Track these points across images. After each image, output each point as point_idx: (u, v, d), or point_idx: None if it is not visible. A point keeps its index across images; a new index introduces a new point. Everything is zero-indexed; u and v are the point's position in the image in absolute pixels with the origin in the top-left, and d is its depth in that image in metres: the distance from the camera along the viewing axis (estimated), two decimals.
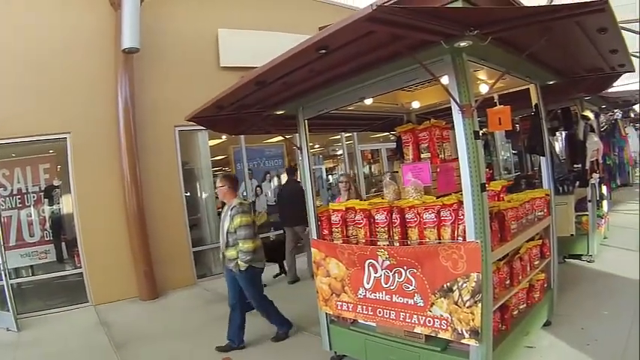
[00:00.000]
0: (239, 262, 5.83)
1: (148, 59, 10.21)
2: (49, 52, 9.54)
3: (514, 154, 16.45)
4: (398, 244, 4.21)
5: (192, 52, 10.98)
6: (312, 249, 5.12)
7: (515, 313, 4.67)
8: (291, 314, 6.62)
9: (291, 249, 9.58)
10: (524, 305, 4.89)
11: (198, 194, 11.73)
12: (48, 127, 9.51)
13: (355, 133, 13.53)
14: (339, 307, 4.77)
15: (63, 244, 10.27)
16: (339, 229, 4.80)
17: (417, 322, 3.96)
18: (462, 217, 3.76)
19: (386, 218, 4.31)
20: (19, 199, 9.83)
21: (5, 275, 8.56)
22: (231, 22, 11.57)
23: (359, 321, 4.66)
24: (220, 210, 11.85)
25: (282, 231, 10.14)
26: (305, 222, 6.68)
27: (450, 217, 3.89)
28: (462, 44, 3.44)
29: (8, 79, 9.26)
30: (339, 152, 14.93)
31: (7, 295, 8.45)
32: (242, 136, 11.10)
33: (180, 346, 6.67)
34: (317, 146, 14.65)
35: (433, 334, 3.88)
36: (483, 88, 5.22)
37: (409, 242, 4.15)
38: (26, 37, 9.40)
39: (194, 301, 9.30)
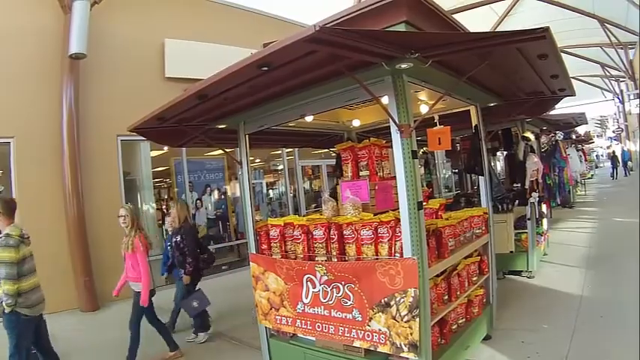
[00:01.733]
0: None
1: (95, 66, 10.06)
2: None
3: (454, 172, 16.87)
4: (336, 260, 4.24)
5: (139, 61, 10.88)
6: (251, 263, 5.09)
7: (454, 327, 4.76)
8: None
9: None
10: (464, 320, 5.00)
11: (140, 205, 11.48)
12: None
13: (296, 149, 13.60)
14: (278, 321, 4.77)
15: None
16: (278, 244, 4.82)
17: (355, 336, 3.99)
18: (399, 234, 3.82)
19: (324, 234, 4.34)
20: None
21: None
22: (178, 32, 11.51)
23: (299, 335, 4.65)
24: (161, 222, 11.78)
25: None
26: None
27: (388, 234, 3.94)
28: (403, 66, 3.51)
29: None
30: (280, 167, 14.95)
31: None
32: (184, 148, 10.97)
33: (118, 358, 6.46)
34: (257, 160, 14.61)
35: (372, 348, 3.92)
36: (424, 109, 5.34)
37: (347, 258, 4.19)
38: None
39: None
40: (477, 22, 17.97)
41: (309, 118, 5.26)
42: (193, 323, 6.99)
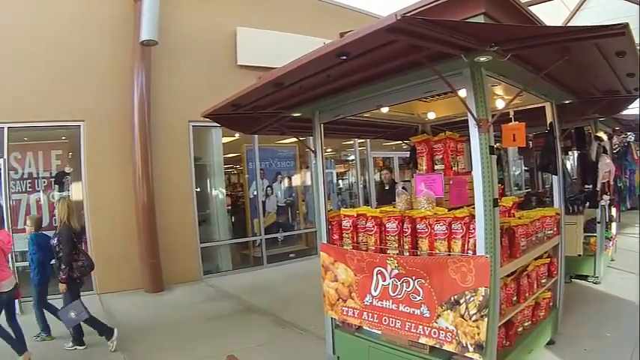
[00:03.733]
0: None
1: (166, 53, 10.43)
2: (68, 40, 9.82)
3: (525, 170, 16.54)
4: (408, 254, 4.27)
5: (210, 48, 11.21)
6: (322, 252, 5.19)
7: (520, 329, 4.73)
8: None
9: None
10: (529, 322, 4.95)
11: (209, 190, 11.88)
12: (62, 114, 9.76)
13: (368, 140, 13.68)
14: (344, 313, 4.85)
15: None
16: (350, 235, 4.88)
17: (422, 332, 4.03)
18: (473, 230, 3.83)
19: (397, 227, 4.38)
20: (29, 183, 10.02)
21: (11, 258, 8.69)
22: (250, 21, 11.78)
23: (364, 328, 4.72)
24: (230, 207, 12.13)
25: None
26: None
27: (461, 230, 3.94)
28: (482, 59, 3.51)
29: (26, 64, 9.54)
30: (351, 157, 15.07)
31: None
32: (255, 135, 11.25)
33: (179, 339, 6.81)
34: (329, 150, 14.76)
35: (437, 346, 3.95)
36: (499, 104, 5.29)
37: (419, 253, 4.21)
38: (46, 22, 9.69)
39: (198, 296, 9.45)
40: (548, 16, 17.47)
41: (384, 109, 5.31)
42: (72, 333, 6.73)
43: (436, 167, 4.80)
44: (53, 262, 6.98)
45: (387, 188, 8.92)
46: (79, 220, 7.17)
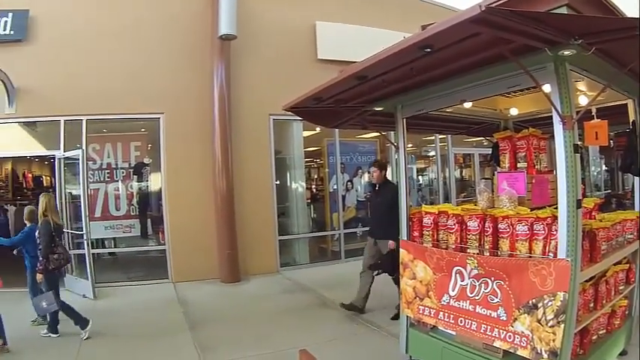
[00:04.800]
0: None
1: (245, 46, 10.85)
2: (148, 34, 10.53)
3: (605, 170, 16.02)
4: (488, 254, 4.31)
5: (290, 42, 11.53)
6: (401, 249, 5.30)
7: (594, 338, 4.66)
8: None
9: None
10: (604, 331, 4.87)
11: (289, 183, 12.21)
12: (142, 106, 10.43)
13: (449, 136, 13.61)
14: (420, 312, 4.94)
15: (148, 220, 11.11)
16: (430, 233, 4.97)
17: (497, 335, 4.06)
18: (554, 232, 3.82)
19: (478, 226, 4.42)
20: (107, 173, 10.74)
21: (87, 245, 9.33)
22: (328, 15, 12.01)
23: (439, 328, 4.79)
24: (310, 201, 12.38)
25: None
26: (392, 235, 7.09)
27: (543, 232, 3.94)
28: (566, 53, 3.49)
29: (105, 57, 10.29)
30: (432, 153, 15.03)
31: (87, 264, 9.27)
32: (336, 129, 11.44)
33: (253, 331, 7.05)
34: (409, 146, 14.76)
35: (512, 350, 3.96)
36: (582, 100, 5.19)
37: (499, 253, 4.24)
38: (126, 18, 10.42)
39: (274, 288, 9.73)
40: (629, 9, 16.56)
41: (467, 105, 5.33)
42: (48, 320, 7.16)
43: (519, 165, 4.79)
44: None
45: (377, 189, 8.03)
46: (58, 215, 7.68)
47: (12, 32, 10.34)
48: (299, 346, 5.20)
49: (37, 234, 7.31)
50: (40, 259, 7.08)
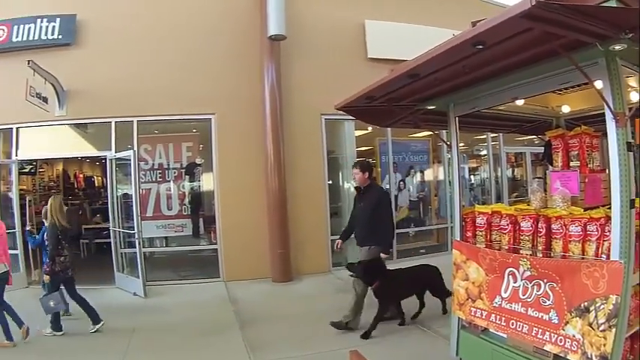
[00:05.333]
0: None
1: (295, 46, 11.02)
2: (198, 36, 10.81)
3: None
4: (541, 255, 4.29)
5: (339, 41, 11.63)
6: (454, 250, 5.32)
7: None
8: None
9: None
10: None
11: (341, 183, 12.33)
12: (193, 107, 10.76)
13: (501, 134, 13.42)
14: (472, 313, 4.94)
15: (200, 219, 11.38)
16: (483, 233, 4.97)
17: (548, 339, 4.03)
18: (607, 233, 3.77)
19: (531, 226, 4.41)
20: (159, 173, 11.10)
21: (139, 243, 9.69)
22: (376, 13, 12.07)
23: (490, 330, 4.77)
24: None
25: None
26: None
27: (596, 233, 3.89)
28: (617, 47, 3.45)
29: (157, 59, 10.67)
30: (484, 152, 14.94)
31: (139, 262, 9.64)
32: (388, 128, 11.50)
33: (304, 331, 7.17)
34: (461, 144, 14.63)
35: (562, 355, 3.92)
36: (633, 97, 5.07)
37: (552, 254, 4.22)
38: (174, 19, 10.79)
39: (326, 288, 9.90)
40: None
41: (519, 102, 5.30)
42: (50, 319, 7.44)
43: (572, 164, 4.73)
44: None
45: (361, 193, 7.65)
46: (65, 218, 7.89)
47: (60, 37, 10.89)
48: (348, 347, 5.28)
49: (45, 236, 7.83)
50: (47, 261, 7.54)
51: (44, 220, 8.04)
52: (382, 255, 7.19)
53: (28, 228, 9.65)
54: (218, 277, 10.83)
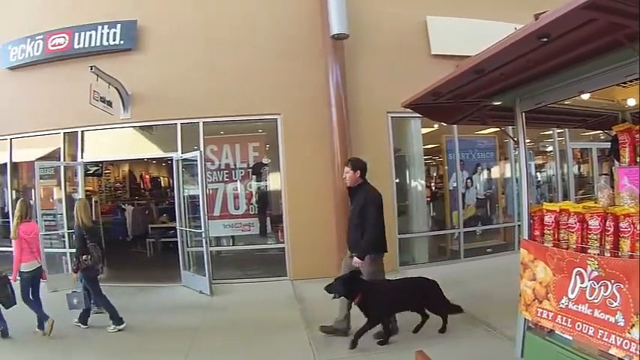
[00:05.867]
0: None
1: (358, 45, 11.15)
2: (261, 37, 11.15)
3: None
4: (609, 255, 4.20)
5: (401, 38, 11.68)
6: (522, 249, 5.26)
7: None
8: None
9: None
10: None
11: (408, 182, 12.32)
12: (259, 108, 11.08)
13: (567, 130, 13.15)
14: (538, 314, 4.86)
15: (267, 218, 11.69)
16: (551, 232, 4.90)
17: (613, 342, 3.94)
18: None
19: (599, 225, 4.32)
20: (226, 173, 11.44)
21: (206, 242, 10.01)
22: (438, 9, 12.05)
23: (556, 332, 4.70)
24: (430, 199, 12.40)
25: None
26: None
27: None
28: None
29: (220, 61, 11.08)
30: (549, 149, 14.67)
31: (205, 261, 9.96)
32: (454, 126, 11.42)
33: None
34: (527, 141, 14.30)
35: (626, 359, 3.83)
36: None
37: (620, 254, 4.13)
38: (239, 21, 11.19)
39: None
40: None
41: (585, 96, 5.23)
42: (80, 314, 8.24)
43: (639, 159, 4.60)
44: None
45: (353, 194, 7.50)
46: (90, 219, 8.49)
47: (122, 42, 11.51)
48: (414, 347, 5.31)
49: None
50: (74, 259, 8.51)
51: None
52: (355, 261, 7.03)
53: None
54: (285, 275, 11.09)
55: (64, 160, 12.35)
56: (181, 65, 11.33)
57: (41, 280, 8.24)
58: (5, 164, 13.28)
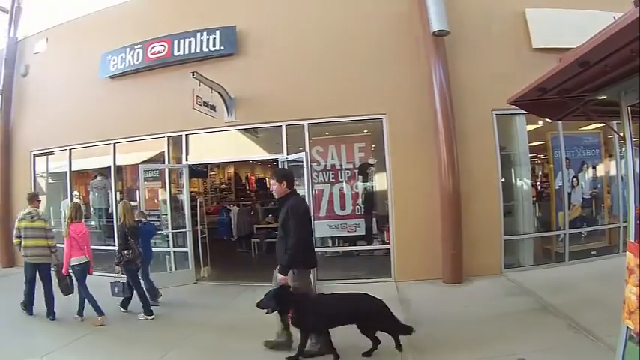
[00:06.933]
0: None
1: (458, 41, 11.00)
2: (357, 37, 11.32)
3: None
4: None
5: (502, 33, 11.44)
6: (627, 253, 5.08)
7: None
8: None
9: None
10: None
11: (513, 181, 12.06)
12: (365, 108, 11.21)
13: None
14: None
15: (373, 219, 11.80)
16: None
17: None
18: None
19: None
20: (332, 174, 11.63)
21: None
22: (534, 0, 11.66)
23: None
24: (535, 199, 12.04)
25: None
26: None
27: None
28: None
29: (322, 63, 11.35)
30: None
31: None
32: (559, 122, 11.02)
33: (471, 335, 7.16)
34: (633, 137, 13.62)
35: None
36: None
37: None
38: (341, 24, 11.42)
39: (496, 291, 9.73)
40: None
41: None
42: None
43: None
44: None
45: (280, 206, 7.44)
46: (133, 219, 9.84)
47: (222, 47, 12.07)
48: (515, 354, 5.27)
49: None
50: (117, 254, 9.59)
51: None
52: (279, 278, 6.91)
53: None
54: (389, 276, 11.17)
55: (169, 163, 13.07)
56: (283, 69, 11.68)
57: (88, 274, 9.28)
58: (109, 167, 14.17)
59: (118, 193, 14.28)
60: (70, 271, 9.13)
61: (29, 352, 7.47)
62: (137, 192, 12.87)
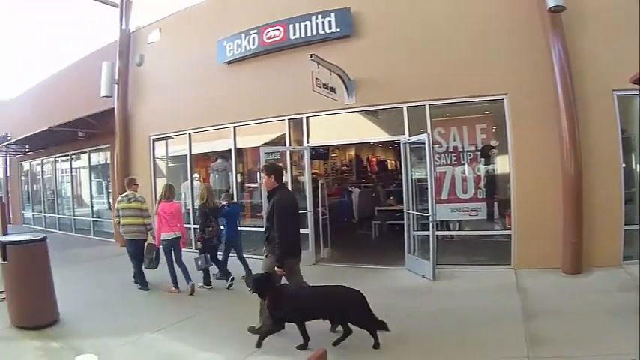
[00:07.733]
0: None
1: (575, 17, 10.45)
2: (481, 17, 11.11)
3: None
4: None
5: (622, 7, 10.44)
6: None
7: None
8: None
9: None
10: None
11: (634, 166, 11.48)
12: (484, 88, 11.02)
13: None
14: None
15: (495, 203, 11.59)
16: None
17: None
18: None
19: None
20: (454, 156, 11.56)
21: (432, 227, 10.24)
22: None
23: None
24: None
25: None
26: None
27: None
28: None
29: (441, 43, 11.33)
30: None
31: (431, 245, 10.22)
32: None
33: (586, 329, 6.95)
34: None
35: None
36: None
37: None
38: (458, 3, 11.30)
39: (611, 284, 9.29)
40: None
41: None
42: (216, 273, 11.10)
43: None
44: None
45: (269, 198, 7.79)
46: (214, 200, 11.41)
47: (338, 30, 12.21)
48: (626, 352, 5.24)
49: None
50: (198, 231, 11.16)
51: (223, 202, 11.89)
52: (277, 271, 7.17)
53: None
54: (508, 263, 10.92)
55: (290, 145, 13.45)
56: (404, 49, 11.65)
57: (180, 248, 10.60)
58: (230, 150, 14.79)
59: (238, 174, 14.89)
60: (160, 246, 10.52)
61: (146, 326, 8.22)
62: (258, 174, 13.63)
